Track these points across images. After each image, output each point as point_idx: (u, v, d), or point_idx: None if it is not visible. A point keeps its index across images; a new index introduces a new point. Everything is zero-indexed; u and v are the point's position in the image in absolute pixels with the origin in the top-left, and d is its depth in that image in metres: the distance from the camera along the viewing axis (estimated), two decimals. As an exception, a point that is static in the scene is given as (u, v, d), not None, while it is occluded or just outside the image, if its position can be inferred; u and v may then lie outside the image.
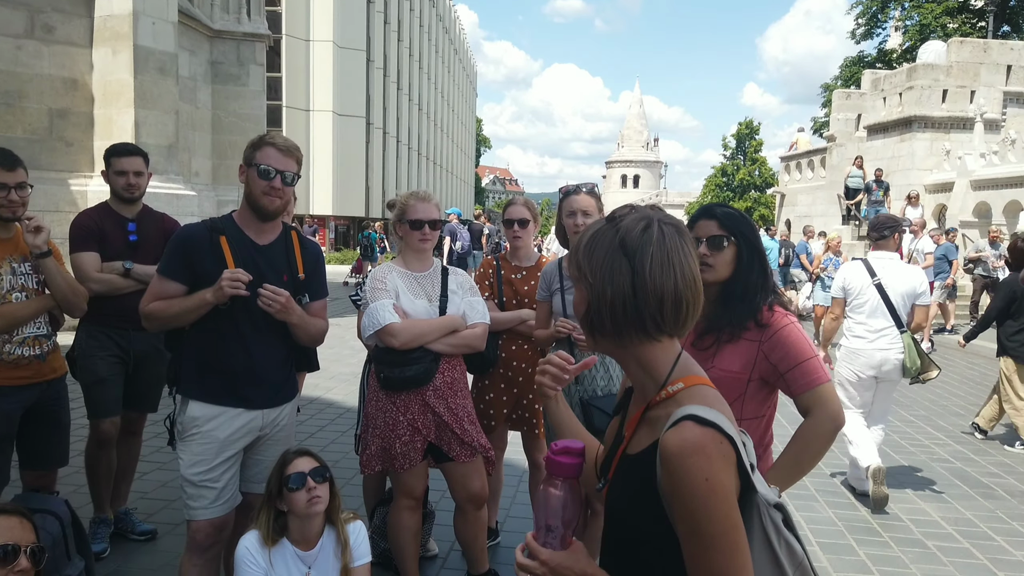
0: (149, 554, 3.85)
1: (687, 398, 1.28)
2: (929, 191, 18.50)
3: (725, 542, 1.18)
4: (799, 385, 2.18)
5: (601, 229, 1.33)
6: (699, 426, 1.19)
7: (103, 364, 3.78)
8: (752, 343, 2.21)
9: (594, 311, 1.31)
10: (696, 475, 1.16)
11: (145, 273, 3.78)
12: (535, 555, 1.30)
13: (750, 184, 54.25)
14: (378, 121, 42.24)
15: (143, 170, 3.88)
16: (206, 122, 13.08)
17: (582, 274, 1.32)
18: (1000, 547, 4.26)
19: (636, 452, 1.32)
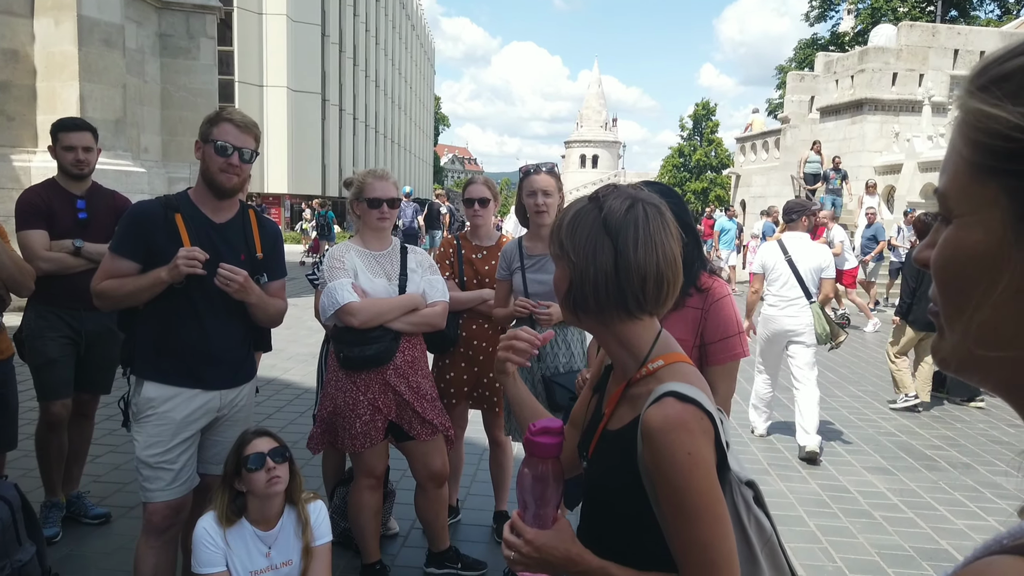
0: (103, 538, 3.79)
1: (668, 375, 1.30)
2: (878, 172, 18.96)
3: (708, 514, 1.20)
4: (719, 356, 2.29)
5: (584, 208, 1.33)
6: (680, 402, 1.22)
7: (53, 345, 3.68)
8: (696, 310, 2.30)
9: (577, 289, 1.31)
10: (679, 450, 1.19)
11: (96, 252, 3.68)
12: (520, 533, 1.32)
13: (706, 165, 54.92)
14: (334, 98, 41.52)
15: (92, 145, 3.76)
16: (155, 97, 12.69)
17: (564, 252, 1.32)
18: (942, 516, 4.44)
19: (617, 428, 1.33)
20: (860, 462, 5.41)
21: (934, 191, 0.59)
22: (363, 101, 47.91)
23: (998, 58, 0.53)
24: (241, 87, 35.17)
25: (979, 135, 0.52)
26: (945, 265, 0.56)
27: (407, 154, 64.37)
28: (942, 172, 0.58)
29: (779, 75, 42.31)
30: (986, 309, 0.53)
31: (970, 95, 0.53)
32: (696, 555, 1.20)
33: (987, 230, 0.52)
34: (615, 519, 1.34)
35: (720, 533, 1.21)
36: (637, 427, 1.25)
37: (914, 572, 3.72)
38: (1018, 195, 0.50)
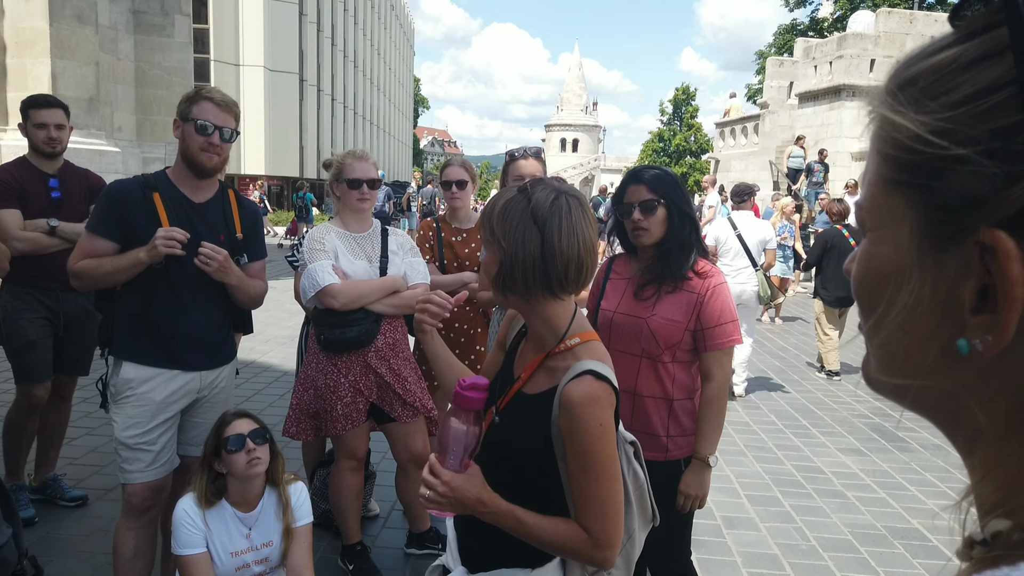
0: (80, 520, 3.76)
1: (584, 352, 1.49)
2: (855, 159, 19.13)
3: (609, 474, 1.45)
4: (713, 343, 2.31)
5: (514, 198, 1.47)
6: (597, 380, 1.44)
7: (32, 327, 3.62)
8: (692, 294, 2.32)
9: (506, 271, 1.47)
10: (592, 421, 1.41)
11: (72, 231, 3.63)
12: (437, 475, 1.45)
13: (686, 150, 55.09)
14: (312, 78, 40.97)
15: (64, 123, 3.68)
16: (129, 75, 12.45)
17: (495, 238, 1.47)
18: (914, 496, 4.54)
19: (534, 393, 1.52)
20: (834, 443, 5.50)
21: (855, 202, 0.55)
22: (341, 81, 47.34)
23: (907, 60, 0.49)
24: (217, 66, 34.58)
25: (885, 145, 0.48)
26: (860, 281, 0.53)
27: (386, 136, 63.81)
28: (861, 183, 0.54)
29: (759, 60, 42.44)
30: (886, 331, 0.50)
31: (881, 101, 0.49)
32: (595, 508, 1.45)
33: (895, 247, 0.48)
34: (520, 468, 1.53)
35: (615, 490, 1.48)
36: (554, 396, 1.45)
37: (885, 550, 3.80)
38: (922, 210, 0.46)
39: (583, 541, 1.45)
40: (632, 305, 2.38)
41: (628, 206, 2.33)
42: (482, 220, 1.52)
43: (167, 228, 2.50)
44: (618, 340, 2.38)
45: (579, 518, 1.46)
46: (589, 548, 1.46)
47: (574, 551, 1.48)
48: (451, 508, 1.47)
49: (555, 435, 1.45)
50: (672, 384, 2.34)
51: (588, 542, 1.45)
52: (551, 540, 1.47)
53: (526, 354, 1.61)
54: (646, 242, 2.33)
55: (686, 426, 2.36)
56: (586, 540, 1.45)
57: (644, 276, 2.37)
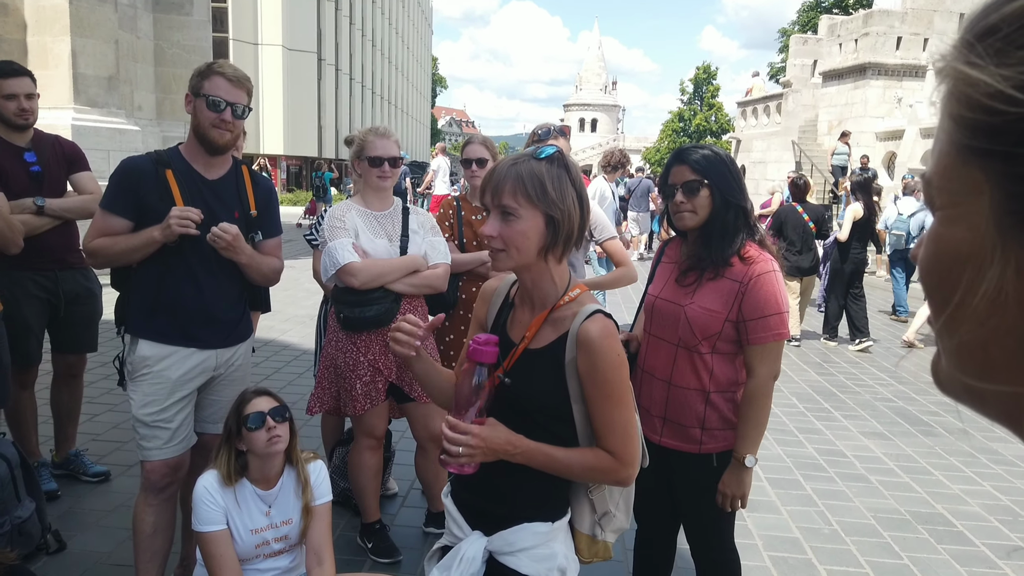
0: (102, 496, 3.79)
1: (587, 299, 1.64)
2: (880, 139, 18.81)
3: (628, 400, 1.62)
4: (758, 336, 2.16)
5: (540, 166, 1.55)
6: (606, 318, 1.59)
7: (31, 313, 3.56)
8: (734, 283, 2.18)
9: (553, 236, 1.55)
10: (612, 352, 1.56)
11: (60, 208, 3.54)
12: (465, 431, 1.52)
13: (706, 130, 54.49)
14: (330, 57, 40.86)
15: (34, 92, 3.51)
16: (148, 53, 12.46)
17: (546, 203, 1.53)
18: (938, 481, 4.47)
19: (541, 346, 1.62)
20: (857, 427, 5.44)
21: (921, 176, 0.48)
22: (359, 61, 47.18)
23: (987, 6, 0.42)
24: (236, 45, 34.55)
25: (959, 106, 0.41)
26: (929, 268, 0.46)
27: (404, 116, 63.65)
28: (931, 154, 0.47)
29: (782, 38, 41.76)
30: (962, 325, 0.43)
31: (954, 54, 0.42)
32: (618, 430, 1.59)
33: (971, 226, 0.42)
34: (529, 422, 1.60)
35: (633, 414, 1.65)
36: (564, 343, 1.58)
37: (909, 535, 3.75)
38: (1004, 182, 0.39)
39: (609, 462, 1.59)
40: (673, 291, 2.28)
41: (671, 187, 2.23)
42: (519, 187, 1.53)
43: (181, 207, 2.47)
44: (657, 327, 2.31)
45: (603, 443, 1.59)
46: (616, 468, 1.59)
47: (603, 472, 1.61)
48: (483, 456, 1.54)
49: (570, 377, 1.57)
50: (709, 377, 2.22)
51: (614, 463, 1.59)
52: (580, 466, 1.60)
53: (521, 319, 1.69)
54: (690, 224, 2.22)
55: (723, 420, 2.24)
56: (612, 461, 1.59)
57: (687, 261, 2.27)
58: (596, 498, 1.73)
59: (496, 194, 1.54)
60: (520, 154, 1.59)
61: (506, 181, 1.53)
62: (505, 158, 1.62)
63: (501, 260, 1.58)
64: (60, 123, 9.20)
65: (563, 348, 1.58)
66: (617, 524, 1.77)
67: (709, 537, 2.41)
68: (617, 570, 3.25)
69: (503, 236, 1.55)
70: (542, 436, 1.59)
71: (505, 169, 1.55)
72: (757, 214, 13.60)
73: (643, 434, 2.35)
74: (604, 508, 1.73)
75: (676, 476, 2.36)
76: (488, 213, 1.57)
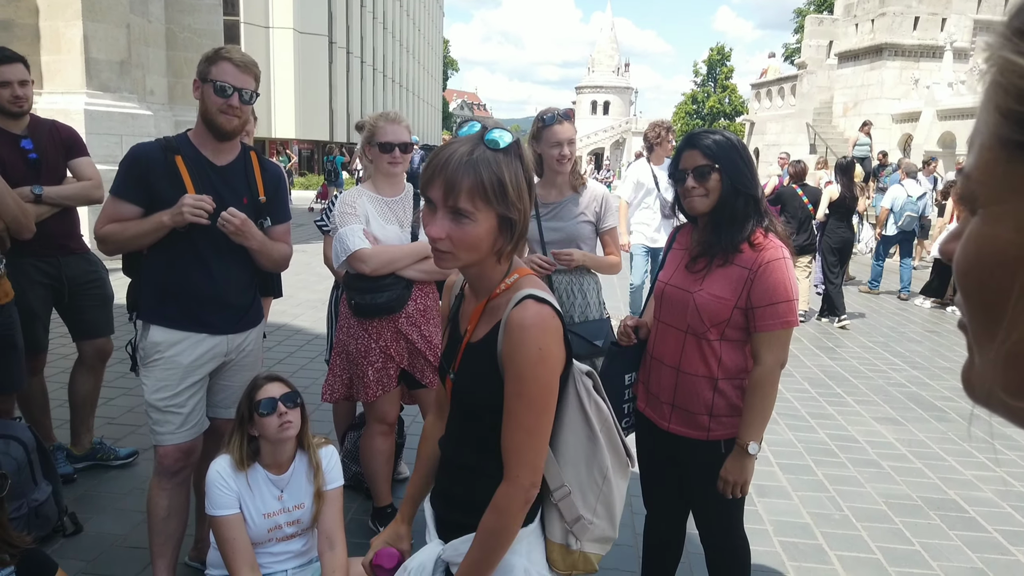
0: (118, 479, 3.84)
1: (524, 283, 1.47)
2: (896, 120, 18.59)
3: (540, 403, 1.40)
4: (765, 323, 2.14)
5: (503, 158, 1.37)
6: (537, 303, 1.41)
7: (36, 299, 3.56)
8: (743, 270, 2.16)
9: (514, 235, 1.42)
10: (531, 343, 1.37)
11: (58, 195, 3.53)
12: None
13: (720, 112, 54.03)
14: (341, 40, 40.72)
15: (27, 78, 3.47)
16: (159, 37, 12.46)
17: (508, 204, 1.37)
18: (951, 467, 4.45)
19: (478, 340, 1.49)
20: (869, 412, 5.41)
21: (958, 171, 0.47)
22: (371, 44, 47.00)
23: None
24: (247, 28, 34.48)
25: (1005, 98, 0.39)
26: (968, 269, 0.43)
27: (415, 99, 63.45)
28: (969, 146, 0.45)
29: (797, 19, 41.23)
30: (1015, 334, 0.40)
31: (1003, 42, 0.39)
32: (519, 437, 1.40)
33: (1018, 226, 0.39)
34: (480, 412, 1.49)
35: (543, 423, 1.42)
36: (498, 333, 1.42)
37: (921, 521, 3.74)
38: None
39: (501, 495, 1.41)
40: (683, 278, 2.27)
41: (682, 172, 2.21)
42: (469, 190, 1.33)
43: (197, 196, 2.47)
44: (666, 313, 2.31)
45: (503, 445, 1.41)
46: (506, 495, 1.40)
47: (503, 512, 1.41)
48: None
49: (502, 367, 1.43)
50: (717, 364, 2.21)
51: (504, 490, 1.41)
52: (485, 534, 1.42)
53: (467, 310, 1.59)
54: (700, 208, 2.21)
55: (731, 407, 2.23)
56: (502, 491, 1.41)
57: (696, 248, 2.25)
58: (562, 504, 1.52)
59: (450, 193, 1.34)
60: (470, 140, 1.38)
61: (463, 180, 1.33)
62: (454, 144, 1.38)
63: (446, 260, 1.41)
64: (73, 108, 9.23)
65: (496, 338, 1.43)
66: (597, 533, 1.56)
67: (718, 523, 2.41)
68: (627, 556, 3.27)
69: (453, 239, 1.37)
70: (492, 440, 1.45)
71: (460, 163, 1.34)
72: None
73: (652, 420, 2.37)
74: (574, 514, 1.52)
75: (684, 462, 2.36)
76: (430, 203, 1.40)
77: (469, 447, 1.53)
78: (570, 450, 1.51)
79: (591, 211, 3.26)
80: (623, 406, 2.49)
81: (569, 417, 1.51)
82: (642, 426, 2.47)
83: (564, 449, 1.51)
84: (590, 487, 1.53)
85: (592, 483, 1.53)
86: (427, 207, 1.40)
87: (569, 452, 1.51)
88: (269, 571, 2.57)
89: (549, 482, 1.50)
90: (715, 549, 2.45)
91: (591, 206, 3.27)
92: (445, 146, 1.38)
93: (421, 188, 1.39)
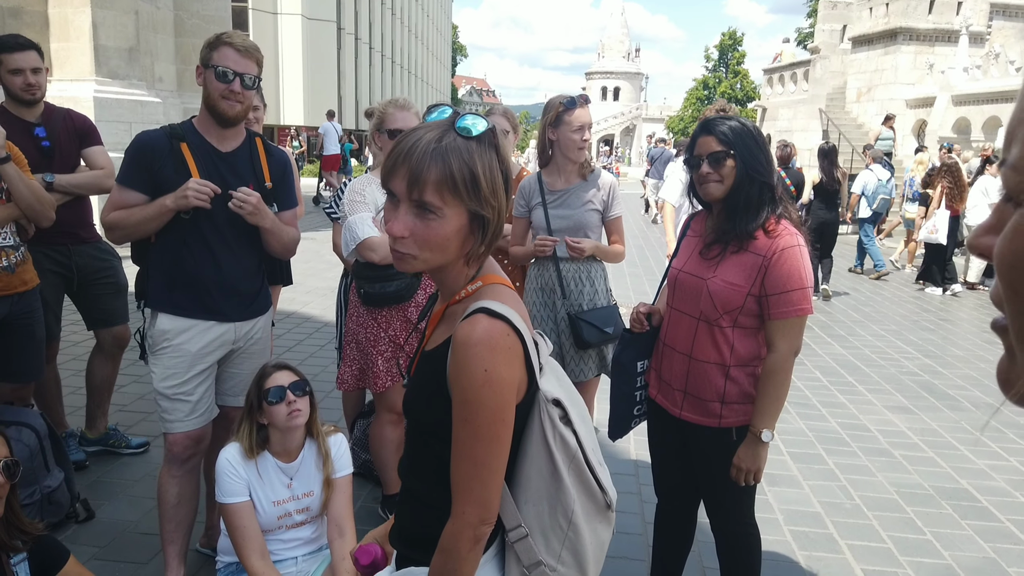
0: (130, 466, 3.86)
1: (485, 293, 1.30)
2: (910, 106, 18.38)
3: (489, 432, 1.22)
4: (778, 311, 2.13)
5: (476, 147, 1.24)
6: (489, 318, 1.23)
7: (47, 288, 3.55)
8: (757, 256, 2.15)
9: (486, 236, 1.30)
10: (477, 365, 1.20)
11: (70, 184, 3.53)
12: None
13: (731, 98, 53.60)
14: (349, 26, 40.56)
15: (40, 65, 3.46)
16: (168, 24, 12.44)
17: (480, 200, 1.25)
18: (963, 456, 4.42)
19: (432, 348, 1.34)
20: (881, 401, 5.38)
21: (999, 164, 0.43)
22: (379, 30, 46.81)
23: None
24: (255, 14, 34.37)
25: None
26: (1014, 263, 0.41)
27: (424, 85, 63.24)
28: (1011, 138, 0.42)
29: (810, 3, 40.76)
30: None
31: None
32: (465, 468, 1.23)
33: None
34: (425, 435, 1.35)
35: (493, 453, 1.24)
36: (449, 344, 1.26)
37: (933, 510, 3.72)
38: None
39: (448, 536, 1.25)
40: (697, 264, 2.26)
41: (697, 159, 2.20)
42: (436, 182, 1.20)
43: (200, 180, 2.46)
44: (679, 300, 2.29)
45: (451, 476, 1.25)
46: (456, 532, 1.24)
47: (456, 555, 1.25)
48: None
49: (450, 386, 1.26)
50: (730, 351, 2.20)
51: (450, 528, 1.25)
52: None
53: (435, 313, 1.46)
54: (715, 194, 2.19)
55: (743, 394, 2.22)
56: (448, 530, 1.25)
57: (711, 234, 2.24)
58: (519, 547, 1.33)
59: (415, 185, 1.20)
60: (439, 126, 1.24)
61: (430, 170, 1.19)
62: (420, 130, 1.24)
63: (407, 262, 1.26)
64: (82, 95, 9.24)
65: (446, 352, 1.27)
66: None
67: (729, 511, 2.40)
68: (637, 544, 3.26)
69: (417, 237, 1.23)
70: (428, 457, 1.33)
71: (427, 152, 1.20)
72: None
73: (664, 407, 2.36)
74: (532, 558, 1.32)
75: (696, 450, 2.35)
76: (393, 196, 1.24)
77: (416, 475, 1.38)
78: (532, 487, 1.32)
79: (598, 199, 3.24)
80: (635, 393, 2.48)
81: (533, 451, 1.32)
82: (654, 413, 2.47)
83: (526, 485, 1.32)
84: (554, 531, 1.33)
85: (556, 527, 1.32)
86: (389, 201, 1.25)
87: (532, 490, 1.32)
88: (279, 558, 2.58)
89: (504, 521, 1.32)
90: (726, 537, 2.44)
91: (599, 194, 3.24)
92: (410, 132, 1.24)
93: (382, 179, 1.24)
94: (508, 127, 3.65)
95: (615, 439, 2.60)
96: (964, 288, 9.70)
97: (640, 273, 10.23)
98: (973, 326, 7.92)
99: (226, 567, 2.64)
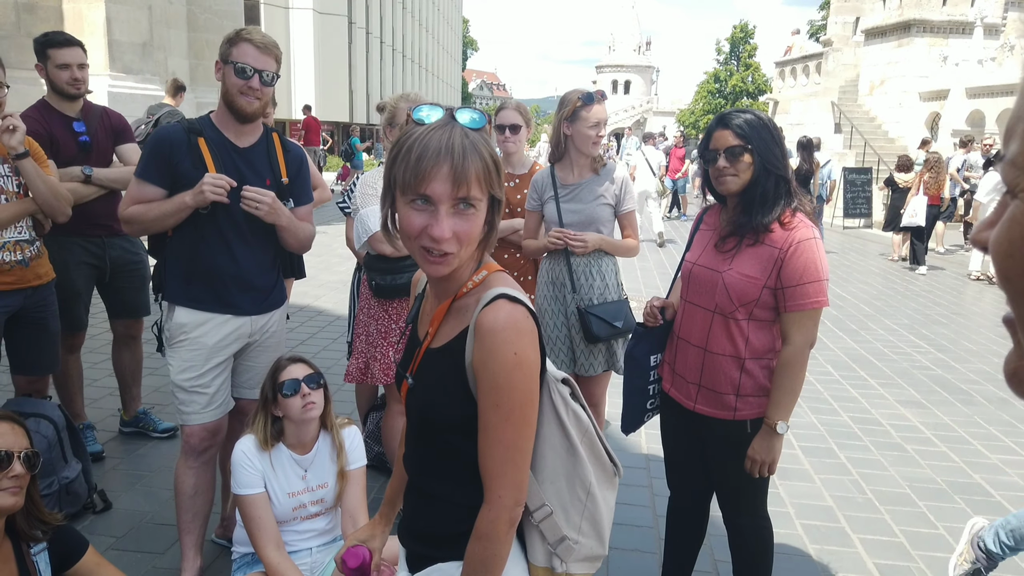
0: (146, 457, 3.91)
1: (494, 281, 1.33)
2: (923, 99, 18.23)
3: (520, 415, 1.26)
4: (794, 303, 2.14)
5: (476, 140, 1.26)
6: (510, 303, 1.26)
7: (80, 278, 3.66)
8: (773, 249, 2.15)
9: (496, 220, 1.33)
10: (506, 348, 1.23)
11: (107, 177, 3.62)
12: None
13: (743, 91, 53.24)
14: (360, 20, 40.57)
15: (85, 62, 3.58)
16: (181, 19, 12.49)
17: (500, 184, 1.29)
18: (976, 451, 4.41)
19: (442, 344, 1.35)
20: (893, 395, 5.36)
21: (996, 156, 0.44)
22: (390, 24, 46.79)
23: None
24: (266, 9, 34.42)
25: None
26: (1010, 251, 0.41)
27: (435, 79, 63.17)
28: (1010, 133, 0.43)
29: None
30: None
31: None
32: (499, 453, 1.26)
33: None
34: (441, 429, 1.35)
35: (526, 435, 1.28)
36: (466, 337, 1.28)
37: (945, 505, 3.71)
38: None
39: (484, 520, 1.27)
40: (712, 257, 2.26)
41: (713, 152, 2.20)
42: (477, 175, 1.21)
43: (215, 175, 2.48)
44: (694, 293, 2.30)
45: (481, 464, 1.28)
46: (488, 519, 1.27)
47: (487, 539, 1.28)
48: None
49: (471, 381, 1.28)
50: (745, 344, 2.20)
51: (486, 513, 1.27)
52: (481, 570, 1.29)
53: (428, 310, 1.44)
54: (732, 188, 2.19)
55: (758, 387, 2.23)
56: (484, 514, 1.27)
57: (727, 227, 2.24)
58: (544, 525, 1.38)
59: (462, 183, 1.20)
60: (448, 124, 1.23)
61: (471, 166, 1.20)
62: (433, 132, 1.21)
63: (449, 264, 1.26)
64: (97, 90, 9.30)
65: (463, 344, 1.29)
66: (584, 552, 1.42)
67: (742, 504, 2.40)
68: (648, 537, 3.27)
69: (460, 235, 1.23)
70: (454, 466, 1.35)
71: (464, 149, 1.20)
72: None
73: (678, 400, 2.36)
74: (557, 535, 1.38)
75: (709, 442, 2.36)
76: (420, 200, 1.21)
77: (435, 475, 1.39)
78: (549, 466, 1.38)
79: (611, 193, 3.24)
80: (648, 387, 2.49)
81: (546, 430, 1.37)
82: (667, 407, 2.47)
83: (543, 465, 1.38)
84: (573, 504, 1.39)
85: (575, 500, 1.39)
86: (415, 205, 1.21)
87: (548, 468, 1.38)
88: (294, 549, 2.61)
89: (528, 502, 1.35)
90: (738, 529, 2.45)
91: (611, 188, 3.25)
92: (423, 135, 1.21)
93: (412, 186, 1.20)
94: (520, 121, 3.65)
95: (628, 433, 2.61)
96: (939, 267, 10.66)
97: (650, 267, 10.22)
98: (986, 320, 7.87)
99: (241, 557, 2.67)
